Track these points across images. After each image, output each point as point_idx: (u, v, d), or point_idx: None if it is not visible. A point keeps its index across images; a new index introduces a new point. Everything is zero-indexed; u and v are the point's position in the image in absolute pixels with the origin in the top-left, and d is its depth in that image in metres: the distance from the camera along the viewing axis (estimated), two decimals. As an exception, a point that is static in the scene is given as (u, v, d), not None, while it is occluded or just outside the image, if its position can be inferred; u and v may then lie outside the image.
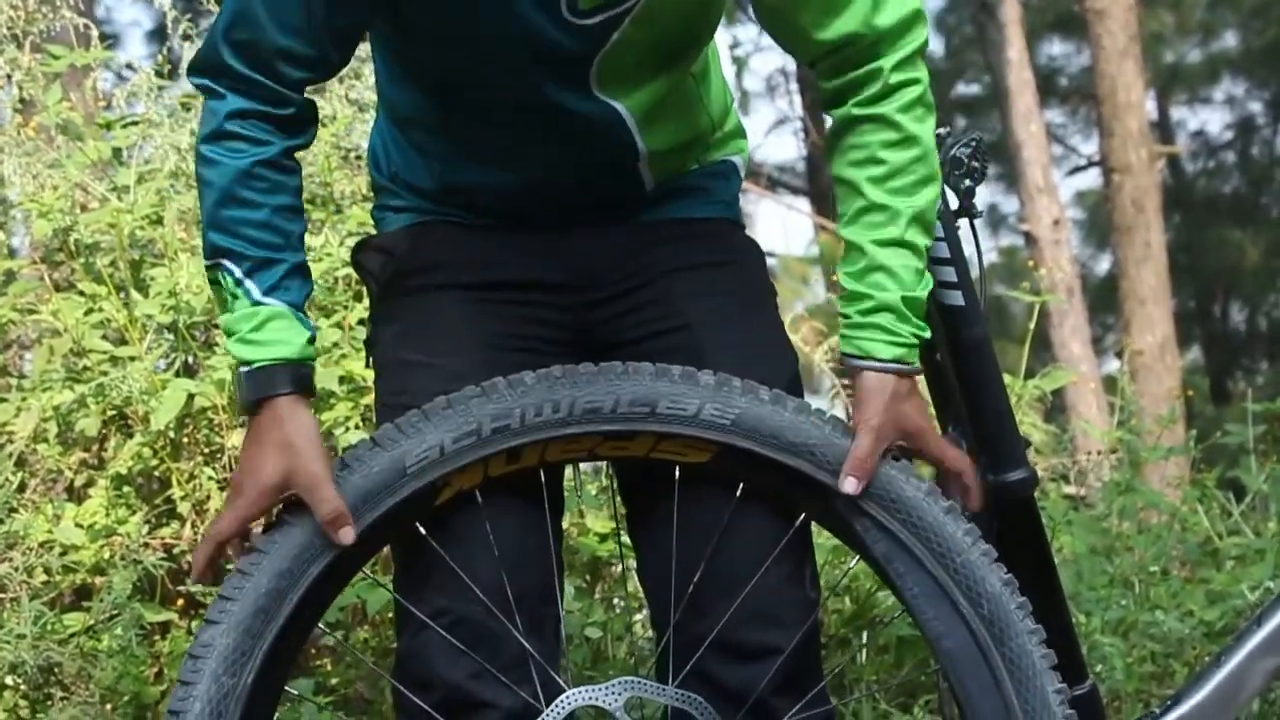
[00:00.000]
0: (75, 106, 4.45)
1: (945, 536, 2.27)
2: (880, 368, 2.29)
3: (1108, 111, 14.03)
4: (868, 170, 2.30)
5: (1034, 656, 2.26)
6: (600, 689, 2.24)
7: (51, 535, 3.73)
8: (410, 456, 2.22)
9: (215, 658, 2.16)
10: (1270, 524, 4.39)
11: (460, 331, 2.42)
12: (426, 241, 2.48)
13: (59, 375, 3.92)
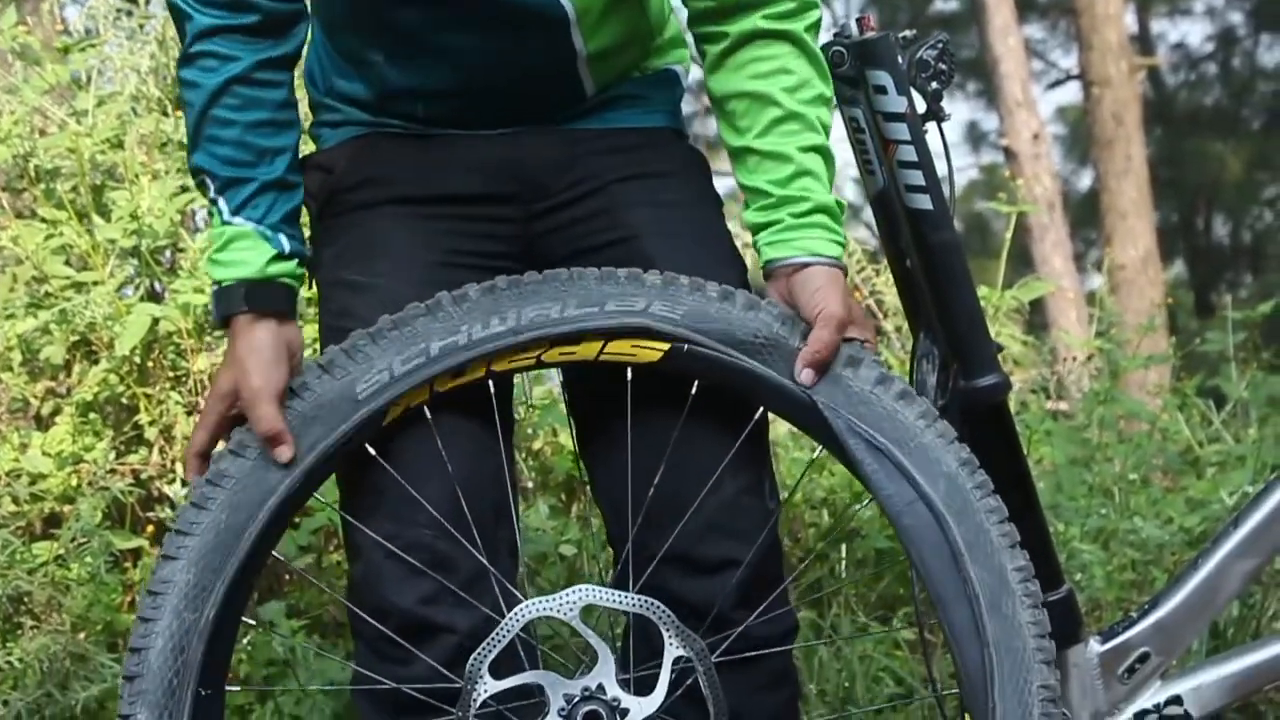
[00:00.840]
0: (32, 31, 4.41)
1: (898, 420, 2.26)
2: (829, 263, 2.29)
3: (1086, 24, 14.06)
4: (780, 80, 2.31)
5: (992, 534, 2.27)
6: (554, 599, 2.22)
7: (18, 464, 3.74)
8: (360, 382, 2.23)
9: (175, 593, 2.19)
10: (1250, 430, 4.40)
11: (402, 249, 2.40)
12: (365, 156, 2.45)
13: (22, 302, 3.89)
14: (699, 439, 2.30)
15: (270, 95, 2.26)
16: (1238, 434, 4.44)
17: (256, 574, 2.30)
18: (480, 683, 2.15)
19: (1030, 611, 2.25)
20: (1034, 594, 2.26)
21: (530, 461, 4.02)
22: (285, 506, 2.24)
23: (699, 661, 2.19)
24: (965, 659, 2.25)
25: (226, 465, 2.22)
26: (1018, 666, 2.24)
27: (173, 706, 2.17)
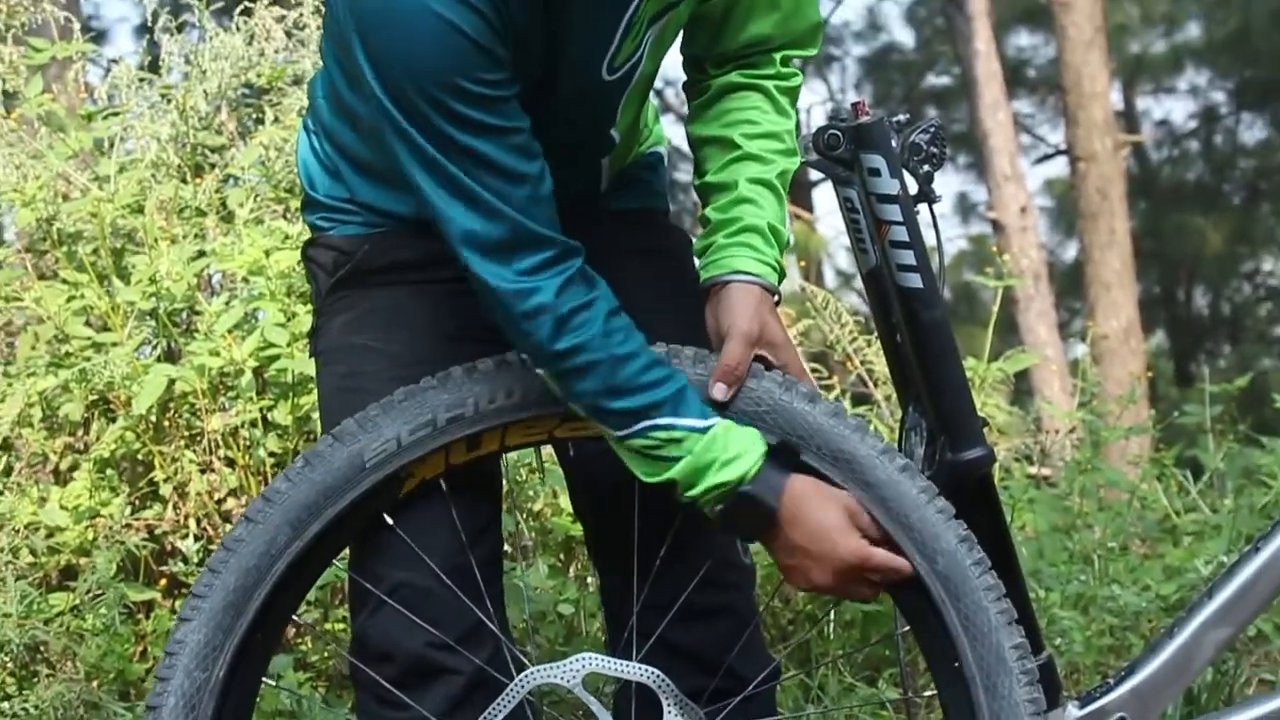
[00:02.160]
0: (57, 98, 4.43)
1: (900, 493, 2.25)
2: (747, 280, 2.29)
3: (1073, 101, 14.09)
4: (744, 128, 2.33)
5: (990, 612, 2.25)
6: (559, 666, 2.24)
7: (37, 517, 3.73)
8: (369, 450, 2.23)
9: (187, 653, 2.20)
10: (1226, 501, 4.40)
11: (414, 319, 2.41)
12: (390, 244, 2.44)
13: (43, 361, 3.90)
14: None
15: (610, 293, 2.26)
16: (1214, 504, 4.45)
17: (272, 634, 2.30)
18: (487, 743, 2.18)
19: (1026, 689, 2.24)
20: (1031, 671, 2.25)
21: (530, 522, 4.02)
22: (295, 570, 2.24)
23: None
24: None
25: (240, 531, 2.23)
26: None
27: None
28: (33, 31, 4.55)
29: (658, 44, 2.29)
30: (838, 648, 3.72)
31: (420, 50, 2.05)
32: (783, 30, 2.31)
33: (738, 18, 2.29)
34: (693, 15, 2.30)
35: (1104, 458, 4.75)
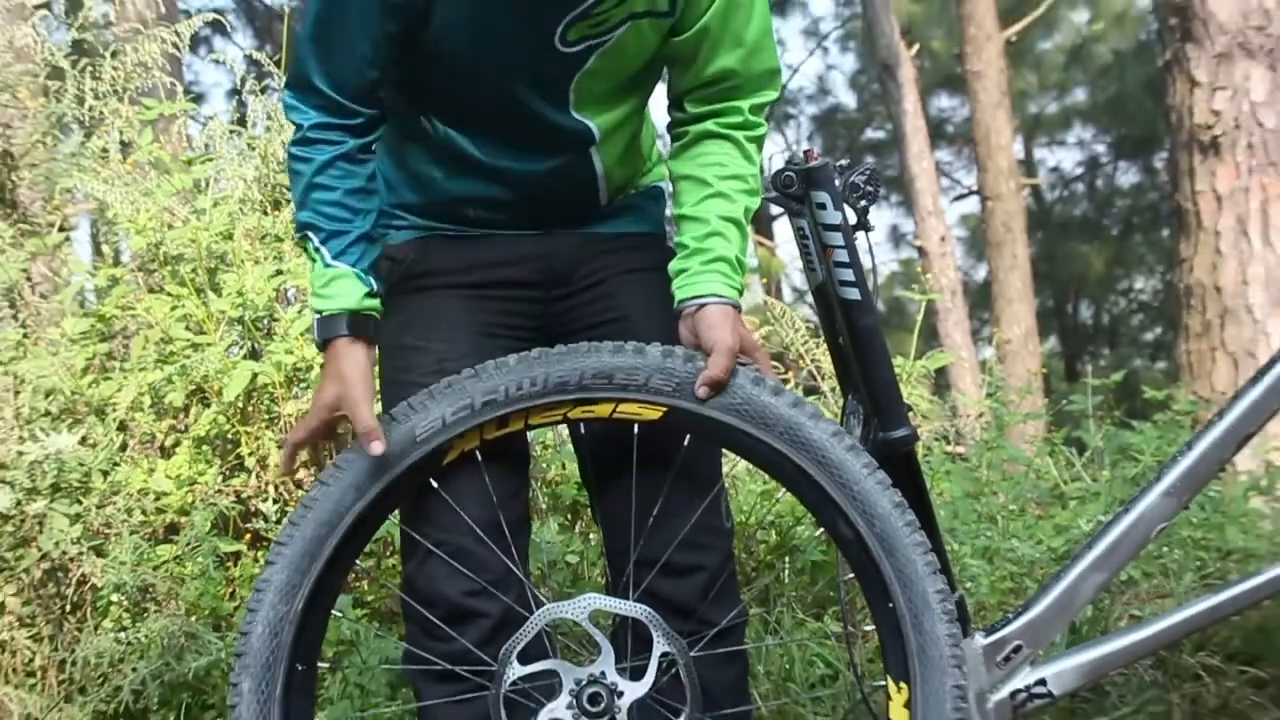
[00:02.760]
0: (164, 147, 4.43)
1: (847, 468, 2.26)
2: (723, 302, 2.29)
3: (983, 151, 14.06)
4: (715, 169, 2.33)
5: (918, 563, 2.27)
6: (570, 604, 2.25)
7: (147, 484, 3.72)
8: (419, 428, 2.26)
9: (272, 590, 2.24)
10: (1104, 472, 4.40)
11: (453, 322, 2.43)
12: (428, 252, 2.46)
13: (152, 358, 3.89)
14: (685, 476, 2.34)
15: (363, 170, 2.30)
16: (1094, 475, 4.44)
17: (339, 577, 2.32)
18: (510, 667, 2.19)
19: (947, 626, 2.26)
20: (950, 610, 2.27)
21: (544, 488, 4.02)
22: (359, 525, 2.27)
23: (680, 656, 2.21)
24: (892, 664, 2.28)
25: (315, 492, 2.27)
26: (936, 671, 2.25)
27: (269, 677, 2.21)
28: (145, 93, 4.54)
29: (618, 50, 2.28)
30: (791, 590, 3.72)
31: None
32: (745, 66, 2.30)
33: (706, 52, 2.28)
34: (672, 53, 2.31)
35: (1006, 438, 4.75)
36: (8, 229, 4.28)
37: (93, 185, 4.28)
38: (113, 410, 3.82)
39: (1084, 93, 23.85)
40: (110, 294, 4.15)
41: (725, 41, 2.28)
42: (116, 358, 4.02)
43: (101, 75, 4.48)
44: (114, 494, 3.67)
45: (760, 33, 2.31)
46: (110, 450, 3.75)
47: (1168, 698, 3.28)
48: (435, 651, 2.31)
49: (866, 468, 2.27)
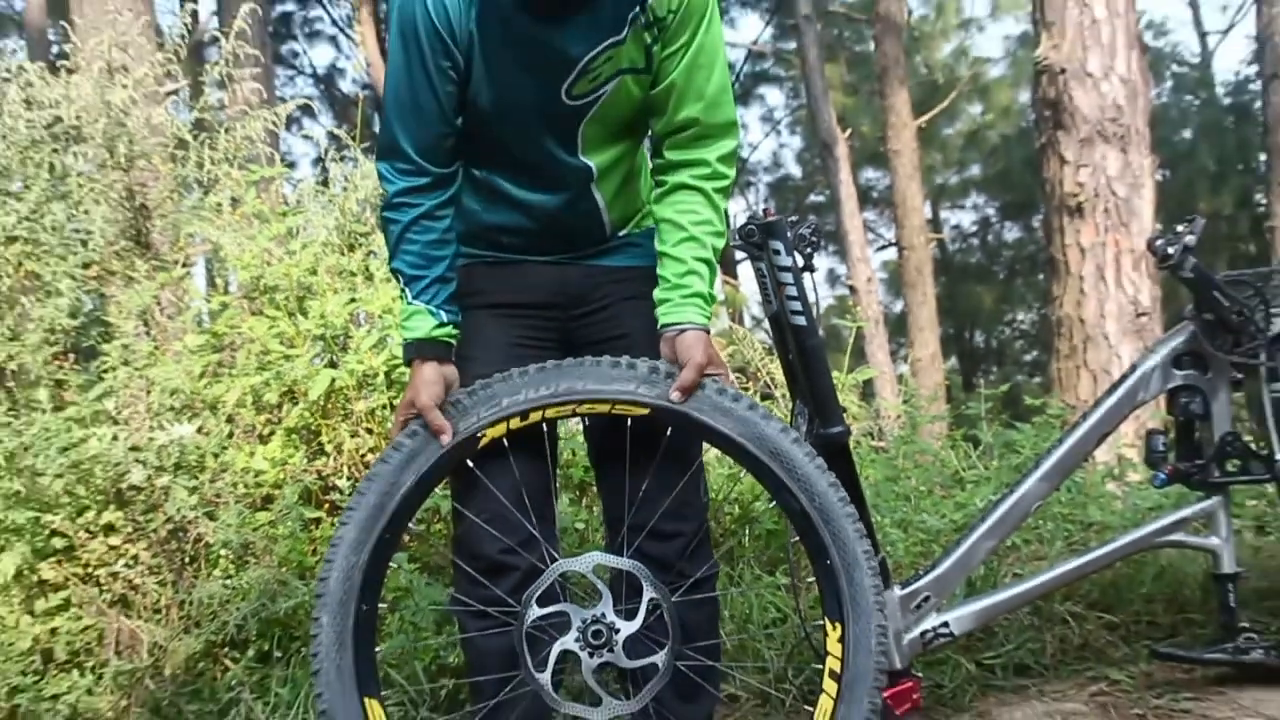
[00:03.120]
0: (264, 203, 4.43)
1: (792, 457, 2.27)
2: (697, 328, 2.28)
3: (900, 212, 14.07)
4: (690, 217, 2.31)
5: (849, 531, 2.28)
6: (578, 559, 2.25)
7: (248, 464, 3.71)
8: (459, 422, 2.28)
9: (344, 545, 2.24)
10: (994, 462, 4.39)
11: (490, 337, 2.42)
12: (471, 277, 2.44)
13: (253, 366, 3.89)
14: (668, 460, 2.33)
15: (439, 225, 2.32)
16: (986, 465, 4.45)
17: (396, 536, 2.30)
18: (530, 609, 2.18)
19: (872, 579, 2.26)
20: (874, 567, 2.28)
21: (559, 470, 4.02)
22: (411, 495, 2.27)
23: (664, 601, 2.21)
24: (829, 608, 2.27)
25: (376, 470, 2.26)
26: (864, 613, 2.26)
27: (342, 614, 2.21)
28: (250, 160, 4.55)
29: (612, 100, 2.28)
30: (751, 551, 3.71)
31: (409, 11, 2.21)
32: (706, 116, 2.29)
33: (675, 102, 2.28)
34: (649, 101, 2.31)
35: (918, 435, 4.74)
36: (143, 265, 4.28)
37: (209, 231, 4.29)
38: (222, 406, 3.81)
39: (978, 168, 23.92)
40: (221, 316, 4.13)
41: (689, 95, 2.28)
42: (226, 366, 4.01)
43: (217, 146, 4.49)
44: (223, 471, 3.68)
45: (718, 89, 2.30)
46: (220, 437, 3.75)
47: (1042, 637, 3.28)
48: (475, 596, 2.31)
49: (808, 456, 2.27)
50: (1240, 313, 2.91)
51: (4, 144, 4.26)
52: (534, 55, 2.20)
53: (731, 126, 2.34)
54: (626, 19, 2.20)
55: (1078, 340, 6.07)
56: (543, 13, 2.16)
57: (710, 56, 2.29)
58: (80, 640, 3.40)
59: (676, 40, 2.25)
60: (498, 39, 2.20)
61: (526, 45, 2.19)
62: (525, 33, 2.19)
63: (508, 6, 2.17)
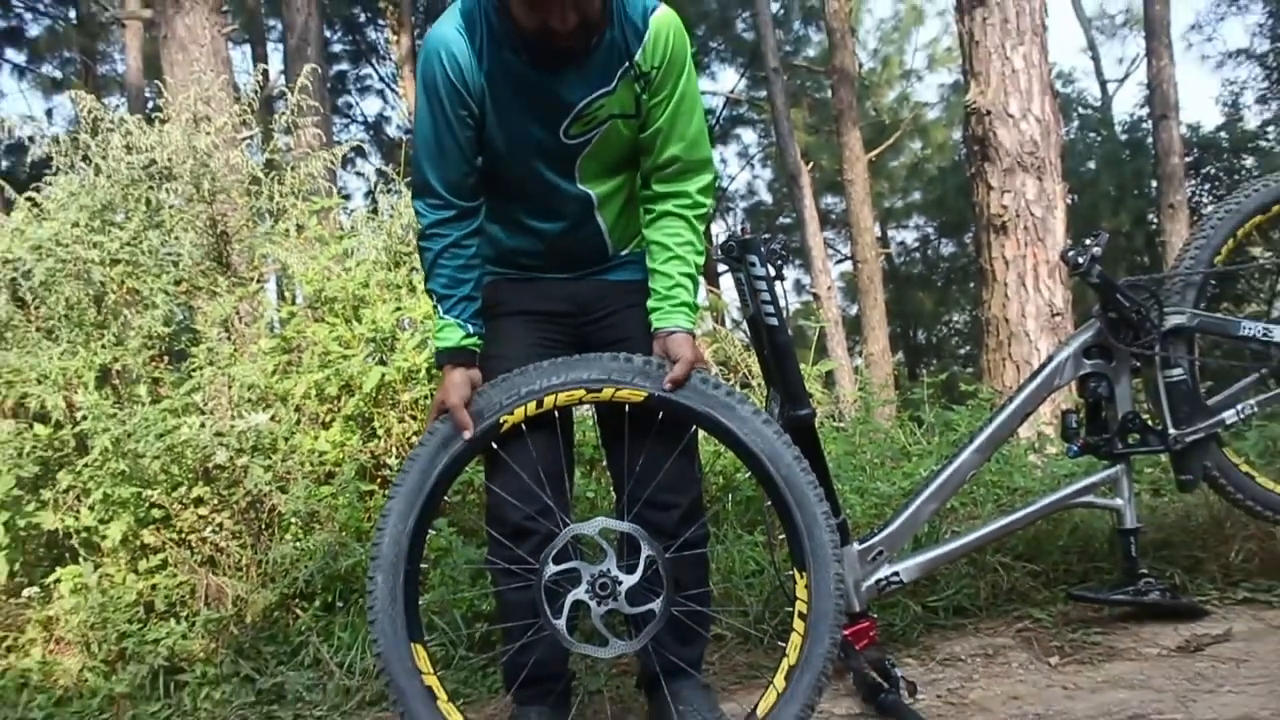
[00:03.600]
0: (324, 228, 4.43)
1: (764, 436, 2.26)
2: (684, 331, 2.30)
3: (855, 231, 14.04)
4: (675, 239, 2.31)
5: (810, 495, 2.26)
6: (587, 524, 2.23)
7: (313, 446, 3.72)
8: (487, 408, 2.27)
9: (393, 514, 2.24)
10: (935, 439, 4.38)
11: (514, 338, 2.41)
12: (497, 290, 2.44)
13: (316, 364, 3.89)
14: (661, 440, 2.31)
15: (466, 252, 2.32)
16: (928, 441, 4.44)
17: (436, 505, 2.29)
18: (548, 566, 2.17)
19: (830, 535, 2.25)
20: (833, 526, 2.27)
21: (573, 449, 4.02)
22: (447, 473, 2.27)
23: (659, 558, 2.19)
24: (796, 560, 2.26)
25: (417, 450, 2.26)
26: (824, 565, 2.25)
27: (393, 572, 2.20)
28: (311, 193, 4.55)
29: (605, 140, 2.28)
30: (733, 514, 3.71)
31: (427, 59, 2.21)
32: (687, 154, 2.29)
33: (660, 143, 2.28)
34: (640, 142, 2.30)
35: (872, 417, 4.73)
36: (224, 282, 4.28)
37: (279, 253, 4.29)
38: (291, 398, 3.81)
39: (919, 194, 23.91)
40: (289, 323, 4.14)
41: (673, 137, 2.27)
42: (294, 364, 4.01)
43: (284, 182, 4.49)
44: (292, 452, 3.67)
45: (696, 131, 2.30)
46: (289, 424, 3.75)
47: (976, 583, 3.27)
48: (502, 556, 2.30)
49: (777, 434, 2.26)
50: (1138, 311, 2.91)
51: (109, 182, 4.25)
52: (536, 102, 2.20)
53: (708, 163, 2.34)
54: (616, 73, 2.20)
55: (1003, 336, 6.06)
56: (542, 66, 2.16)
57: (690, 104, 2.29)
58: (175, 594, 3.40)
59: (661, 91, 2.25)
60: (505, 88, 2.19)
61: (529, 93, 2.19)
62: (528, 82, 2.18)
63: (513, 61, 2.17)
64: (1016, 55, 6.21)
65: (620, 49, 2.20)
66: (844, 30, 13.77)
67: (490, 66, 2.19)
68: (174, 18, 7.32)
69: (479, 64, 2.19)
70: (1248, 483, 3.04)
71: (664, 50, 2.22)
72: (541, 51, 2.13)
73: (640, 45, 2.20)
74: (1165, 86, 11.83)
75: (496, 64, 2.18)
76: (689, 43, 2.29)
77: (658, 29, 2.21)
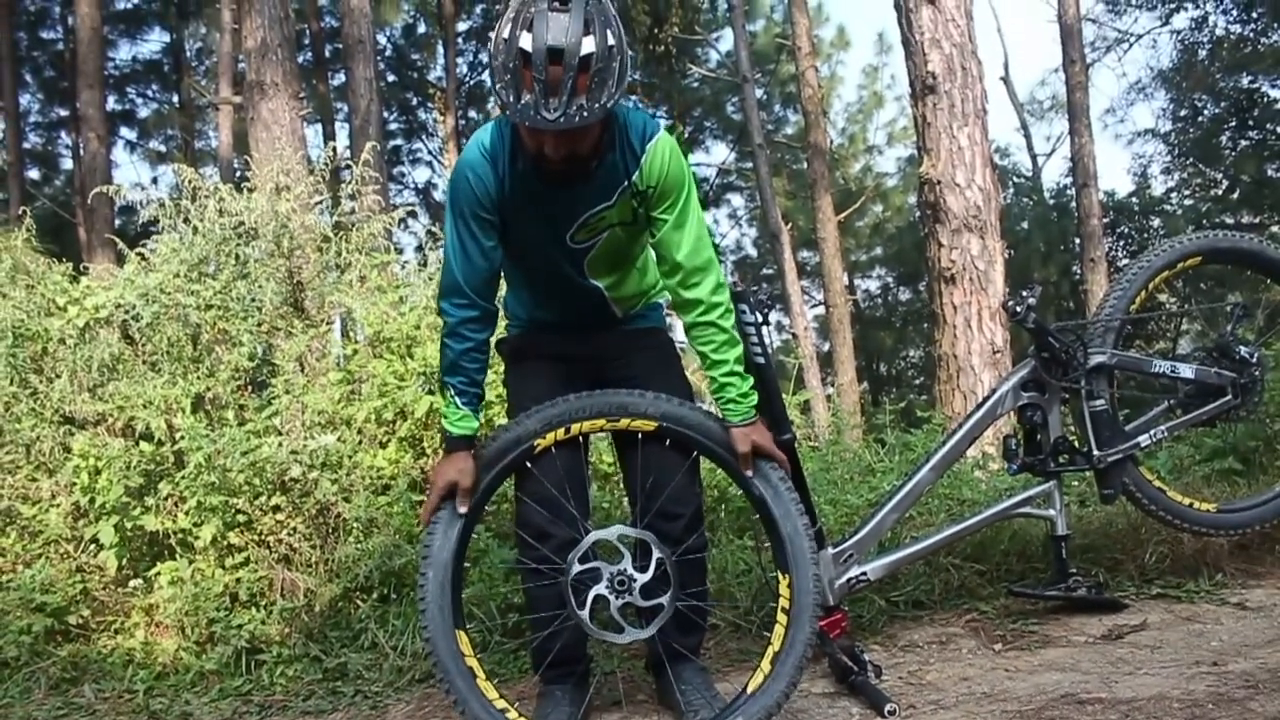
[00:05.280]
0: (383, 278, 4.45)
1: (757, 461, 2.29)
2: (739, 424, 2.26)
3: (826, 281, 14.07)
4: (709, 346, 2.26)
5: (792, 509, 2.27)
6: (606, 530, 2.23)
7: (373, 462, 3.70)
8: (522, 433, 2.26)
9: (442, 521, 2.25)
10: (896, 457, 4.37)
11: (541, 378, 2.41)
12: (528, 337, 2.46)
13: (376, 394, 3.88)
14: (668, 462, 2.32)
15: (483, 357, 2.26)
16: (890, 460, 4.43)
17: (478, 514, 2.30)
18: (573, 566, 2.17)
19: (809, 542, 2.26)
20: (811, 535, 2.27)
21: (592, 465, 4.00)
22: (489, 487, 2.27)
23: (667, 559, 2.20)
24: (780, 562, 2.27)
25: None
26: (803, 567, 2.24)
27: (441, 569, 2.21)
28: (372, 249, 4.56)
29: (607, 245, 2.27)
30: (726, 522, 3.69)
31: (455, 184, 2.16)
32: (688, 260, 2.21)
33: (665, 249, 2.21)
34: (655, 248, 2.26)
35: (843, 438, 4.72)
36: (299, 323, 4.29)
37: (344, 299, 4.29)
38: (354, 422, 3.80)
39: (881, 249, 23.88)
40: (353, 359, 4.13)
41: (674, 247, 2.21)
42: (356, 394, 4.00)
43: (350, 240, 4.50)
44: (355, 468, 3.65)
45: (695, 240, 2.21)
46: (353, 444, 3.73)
47: (932, 581, 3.26)
48: (529, 557, 2.29)
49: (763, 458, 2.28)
50: (1067, 352, 2.92)
51: (204, 240, 4.28)
52: (546, 212, 2.18)
53: (709, 265, 2.23)
54: (616, 190, 2.18)
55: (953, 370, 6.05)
56: (552, 182, 2.13)
57: (686, 218, 2.21)
58: (256, 586, 3.39)
59: (661, 204, 2.20)
60: (522, 198, 2.17)
61: (541, 204, 2.17)
62: (540, 195, 2.16)
63: (528, 176, 2.14)
64: (962, 134, 6.24)
65: (620, 169, 2.16)
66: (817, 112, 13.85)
67: (510, 180, 2.16)
68: (259, 103, 7.39)
69: (500, 178, 2.16)
70: (1160, 496, 3.03)
71: (660, 172, 2.17)
72: (548, 170, 2.11)
73: (637, 167, 2.16)
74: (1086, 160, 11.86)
75: (515, 178, 2.16)
76: (685, 162, 2.22)
77: (653, 154, 2.16)
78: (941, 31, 6.29)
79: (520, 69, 1.92)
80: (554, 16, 1.92)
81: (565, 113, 1.92)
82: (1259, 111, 16.43)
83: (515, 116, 1.94)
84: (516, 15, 1.94)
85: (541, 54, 1.90)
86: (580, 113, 1.93)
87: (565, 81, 1.91)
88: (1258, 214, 16.33)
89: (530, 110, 1.92)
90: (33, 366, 4.01)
